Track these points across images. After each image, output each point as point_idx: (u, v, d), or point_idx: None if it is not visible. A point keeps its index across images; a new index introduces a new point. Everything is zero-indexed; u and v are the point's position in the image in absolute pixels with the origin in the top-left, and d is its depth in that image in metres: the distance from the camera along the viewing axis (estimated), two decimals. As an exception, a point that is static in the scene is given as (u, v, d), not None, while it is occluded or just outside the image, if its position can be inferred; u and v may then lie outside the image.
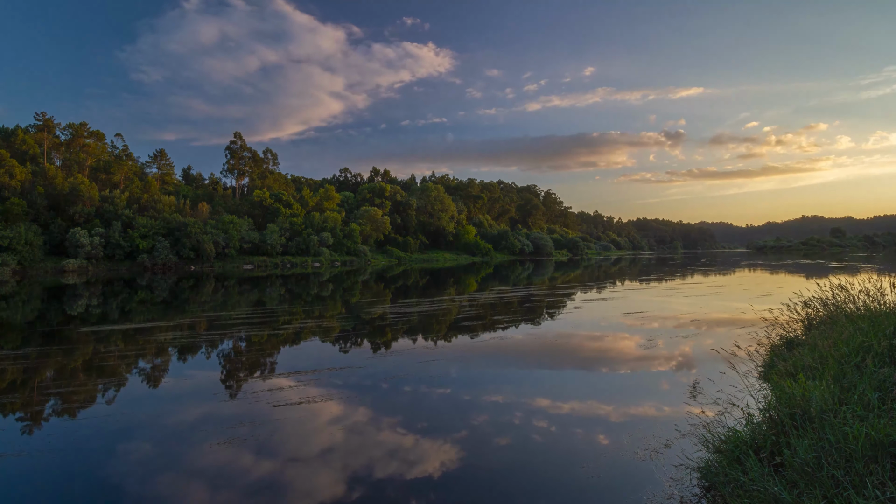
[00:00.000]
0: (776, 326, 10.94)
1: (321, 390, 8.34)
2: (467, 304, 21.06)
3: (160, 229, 56.83)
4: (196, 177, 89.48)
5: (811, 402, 4.68)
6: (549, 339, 12.82)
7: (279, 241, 65.13)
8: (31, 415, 7.28)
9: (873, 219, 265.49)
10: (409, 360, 10.53)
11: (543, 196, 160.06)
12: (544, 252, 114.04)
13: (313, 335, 13.93)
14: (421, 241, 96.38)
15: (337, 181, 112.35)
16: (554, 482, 5.08)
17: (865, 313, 7.64)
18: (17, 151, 60.77)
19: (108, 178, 65.05)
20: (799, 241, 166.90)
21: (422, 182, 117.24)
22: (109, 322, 16.58)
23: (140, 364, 10.53)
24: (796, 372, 6.32)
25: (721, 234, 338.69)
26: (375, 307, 20.36)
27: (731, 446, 4.82)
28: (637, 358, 10.63)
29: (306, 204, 79.18)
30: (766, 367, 8.48)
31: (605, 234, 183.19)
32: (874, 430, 3.91)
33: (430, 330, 14.63)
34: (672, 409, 7.20)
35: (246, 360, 10.94)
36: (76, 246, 51.15)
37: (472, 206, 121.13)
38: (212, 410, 7.37)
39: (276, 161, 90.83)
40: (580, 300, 23.02)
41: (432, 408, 7.49)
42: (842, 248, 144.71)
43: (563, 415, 7.13)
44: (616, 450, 5.82)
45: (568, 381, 8.92)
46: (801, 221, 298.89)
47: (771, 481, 3.95)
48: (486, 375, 9.36)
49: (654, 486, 4.92)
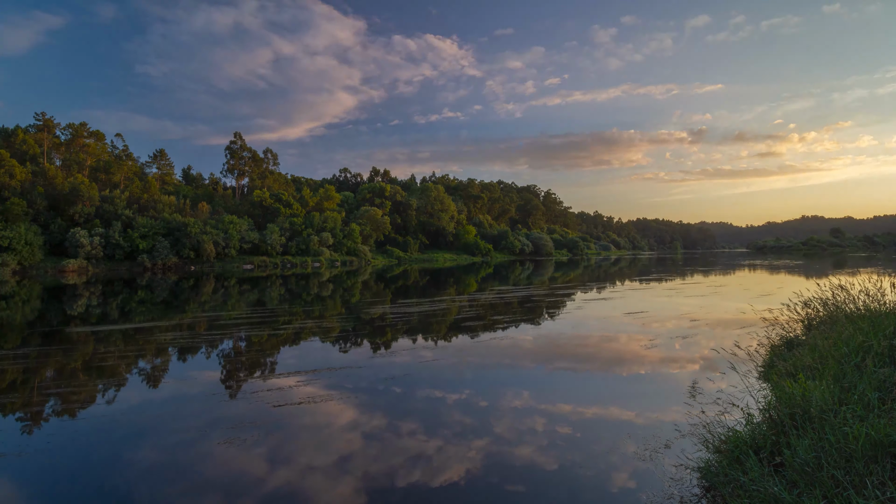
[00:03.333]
0: (776, 326, 10.94)
1: (321, 390, 8.34)
2: (467, 305, 21.05)
3: (160, 229, 56.83)
4: (196, 177, 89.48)
5: (811, 402, 4.68)
6: (549, 340, 12.82)
7: (279, 241, 65.13)
8: (30, 415, 7.28)
9: (873, 219, 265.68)
10: (410, 361, 10.52)
11: (543, 196, 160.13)
12: (544, 252, 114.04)
13: (313, 335, 13.93)
14: (421, 241, 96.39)
15: (337, 181, 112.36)
16: (553, 482, 5.08)
17: (865, 313, 7.63)
18: (17, 151, 60.77)
19: (108, 178, 65.09)
20: (799, 241, 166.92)
21: (422, 182, 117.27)
22: (109, 322, 16.57)
23: (140, 364, 10.52)
24: (796, 372, 6.32)
25: (721, 234, 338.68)
26: (375, 307, 20.36)
27: (731, 446, 4.82)
28: (637, 358, 10.62)
29: (306, 204, 79.17)
30: (766, 367, 8.48)
31: (605, 235, 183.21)
32: (874, 430, 3.91)
33: (430, 330, 14.62)
34: (672, 409, 7.20)
35: (246, 360, 10.94)
36: (76, 246, 51.16)
37: (472, 206, 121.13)
38: (211, 410, 7.36)
39: (276, 161, 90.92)
40: (580, 300, 23.02)
41: (432, 408, 7.49)
42: (842, 248, 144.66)
43: (563, 414, 7.12)
44: (616, 449, 5.81)
45: (567, 381, 8.91)
46: (801, 221, 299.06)
47: (771, 481, 3.95)
48: (485, 376, 9.35)
49: (654, 486, 4.92)
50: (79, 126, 67.10)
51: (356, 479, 5.21)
